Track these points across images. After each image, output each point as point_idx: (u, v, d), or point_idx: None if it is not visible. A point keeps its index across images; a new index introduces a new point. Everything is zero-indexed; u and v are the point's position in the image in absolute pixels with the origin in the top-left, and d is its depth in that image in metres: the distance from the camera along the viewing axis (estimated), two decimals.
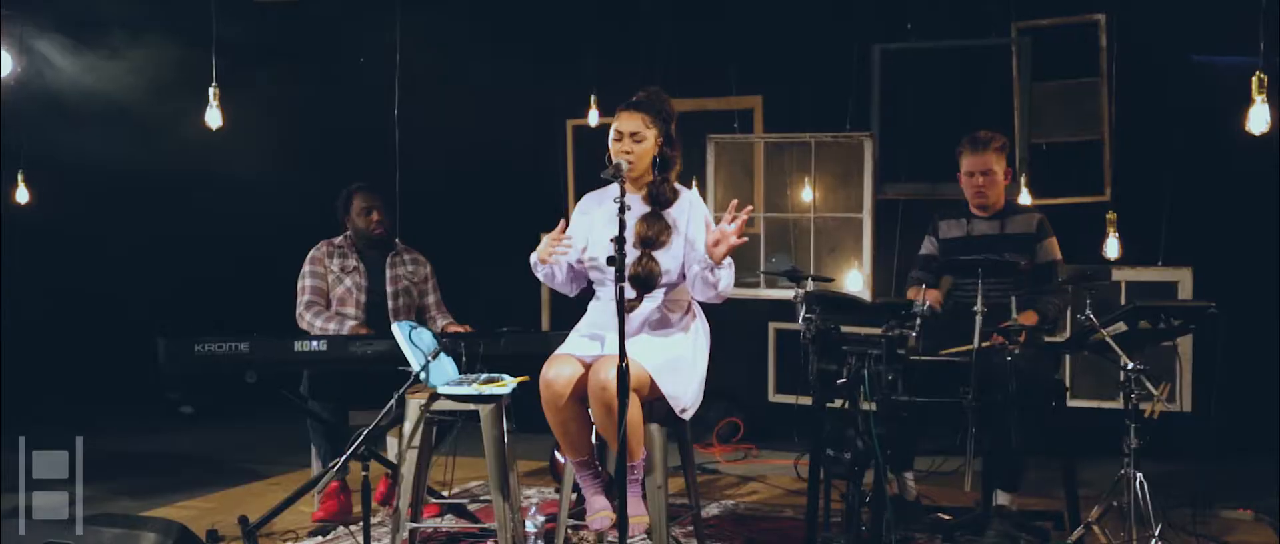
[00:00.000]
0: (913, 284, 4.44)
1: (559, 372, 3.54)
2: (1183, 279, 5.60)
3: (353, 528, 4.43)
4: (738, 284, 6.10)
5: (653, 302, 3.70)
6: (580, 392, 3.54)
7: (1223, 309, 3.62)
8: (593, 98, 6.21)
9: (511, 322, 4.55)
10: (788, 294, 6.15)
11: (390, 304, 4.72)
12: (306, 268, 4.70)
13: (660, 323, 3.68)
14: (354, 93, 6.88)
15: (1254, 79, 3.62)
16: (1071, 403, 5.07)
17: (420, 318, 4.76)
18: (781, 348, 6.52)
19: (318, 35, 6.82)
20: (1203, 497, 4.39)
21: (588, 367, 3.54)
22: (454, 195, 7.01)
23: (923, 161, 6.20)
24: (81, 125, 6.38)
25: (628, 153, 3.70)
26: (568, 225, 3.73)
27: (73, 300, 7.19)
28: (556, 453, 4.95)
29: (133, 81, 6.25)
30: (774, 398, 6.53)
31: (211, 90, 4.95)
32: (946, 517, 4.38)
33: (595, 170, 6.57)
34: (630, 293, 3.61)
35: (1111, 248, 5.21)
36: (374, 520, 4.48)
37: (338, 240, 4.77)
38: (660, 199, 3.72)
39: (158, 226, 7.21)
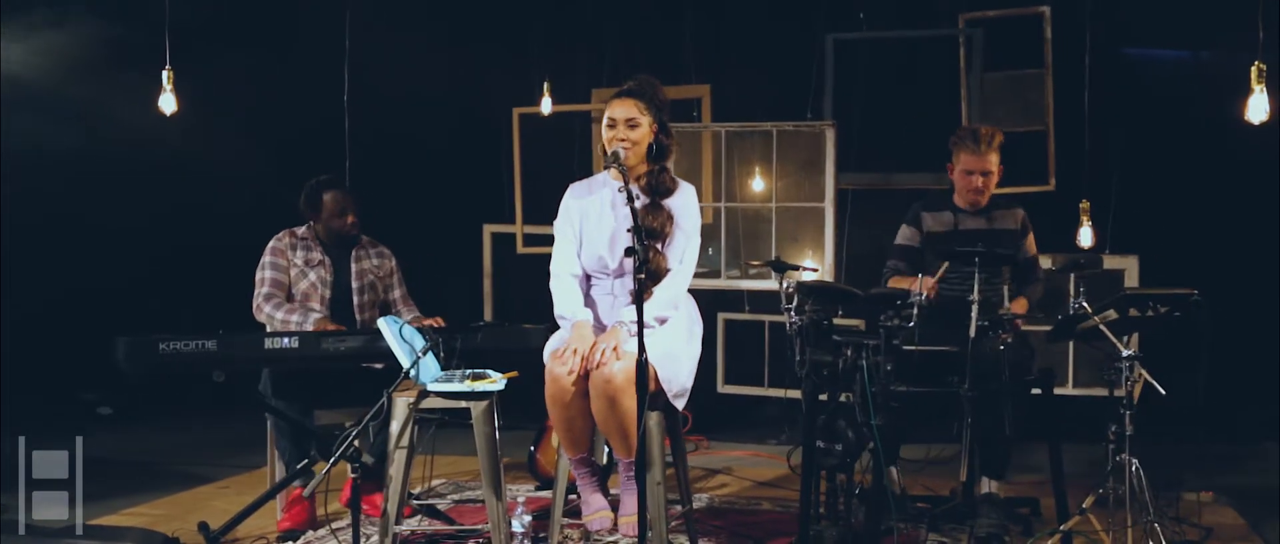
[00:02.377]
0: (892, 274, 4.40)
1: (564, 366, 3.43)
2: (1129, 267, 5.73)
3: (322, 533, 4.23)
4: None
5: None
6: (586, 386, 3.44)
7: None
8: (546, 85, 6.09)
9: (451, 313, 4.42)
10: (738, 285, 6.16)
11: (356, 300, 4.52)
12: (267, 258, 4.46)
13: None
14: (302, 78, 6.63)
15: (1253, 69, 3.67)
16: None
17: (385, 312, 4.58)
18: (730, 338, 6.49)
19: (262, 18, 6.54)
20: (1167, 480, 4.48)
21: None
22: (396, 182, 6.81)
23: (874, 151, 6.24)
24: (16, 111, 5.99)
25: (623, 140, 3.59)
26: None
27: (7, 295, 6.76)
28: (533, 450, 4.84)
29: (59, 63, 5.89)
30: (723, 389, 6.49)
31: (165, 74, 4.66)
32: (923, 505, 4.40)
33: (543, 159, 6.54)
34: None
35: (1085, 236, 5.29)
36: (343, 523, 4.30)
37: (301, 231, 4.54)
38: (659, 189, 3.63)
39: (105, 218, 6.80)
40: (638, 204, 3.55)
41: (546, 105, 6.12)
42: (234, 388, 4.00)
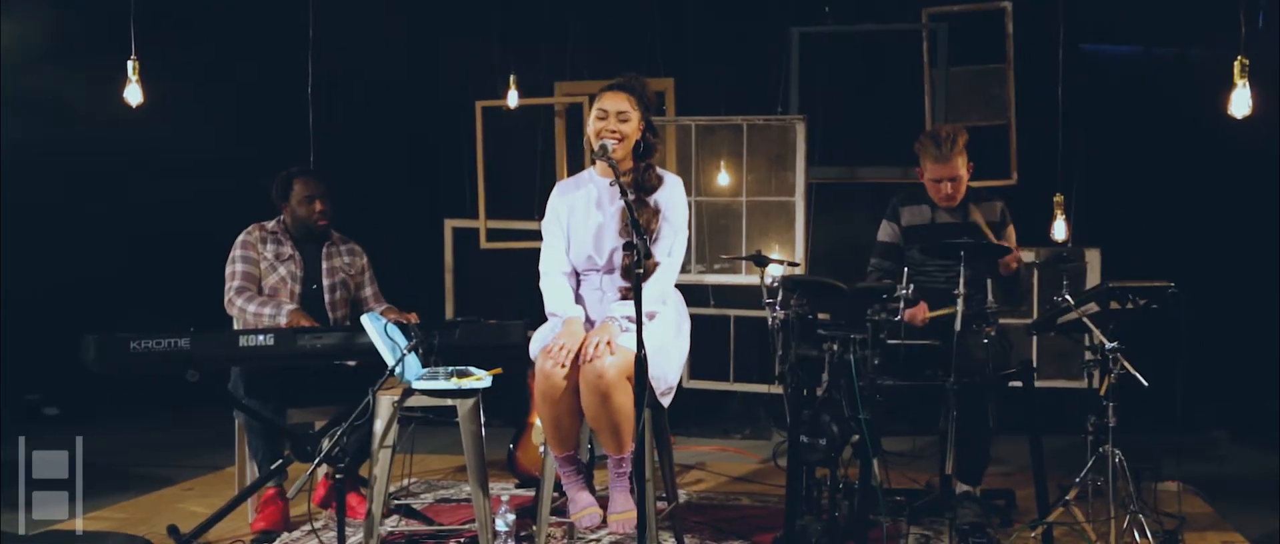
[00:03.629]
0: (877, 273, 4.39)
1: (555, 362, 3.38)
2: (1092, 260, 5.80)
3: (297, 535, 4.15)
4: None
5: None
6: (577, 382, 3.40)
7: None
8: (512, 78, 6.01)
9: (413, 308, 4.36)
10: (703, 279, 6.14)
11: (327, 297, 4.42)
12: (237, 252, 4.35)
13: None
14: (266, 70, 6.48)
15: (1236, 63, 3.71)
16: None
17: (356, 311, 4.49)
18: (695, 333, 6.44)
19: (225, 8, 6.39)
20: (1137, 470, 4.55)
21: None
22: (357, 175, 6.68)
23: (839, 145, 6.25)
24: None
25: (614, 133, 3.56)
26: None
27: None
28: (512, 448, 4.78)
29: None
30: (687, 384, 6.47)
31: (131, 64, 4.52)
32: (899, 498, 4.42)
33: (507, 152, 6.46)
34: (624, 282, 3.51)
35: (1059, 230, 5.34)
36: (320, 523, 4.22)
37: (271, 225, 4.43)
38: (644, 186, 3.61)
39: (65, 211, 6.59)
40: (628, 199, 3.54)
41: (513, 98, 6.05)
42: (204, 387, 3.87)
